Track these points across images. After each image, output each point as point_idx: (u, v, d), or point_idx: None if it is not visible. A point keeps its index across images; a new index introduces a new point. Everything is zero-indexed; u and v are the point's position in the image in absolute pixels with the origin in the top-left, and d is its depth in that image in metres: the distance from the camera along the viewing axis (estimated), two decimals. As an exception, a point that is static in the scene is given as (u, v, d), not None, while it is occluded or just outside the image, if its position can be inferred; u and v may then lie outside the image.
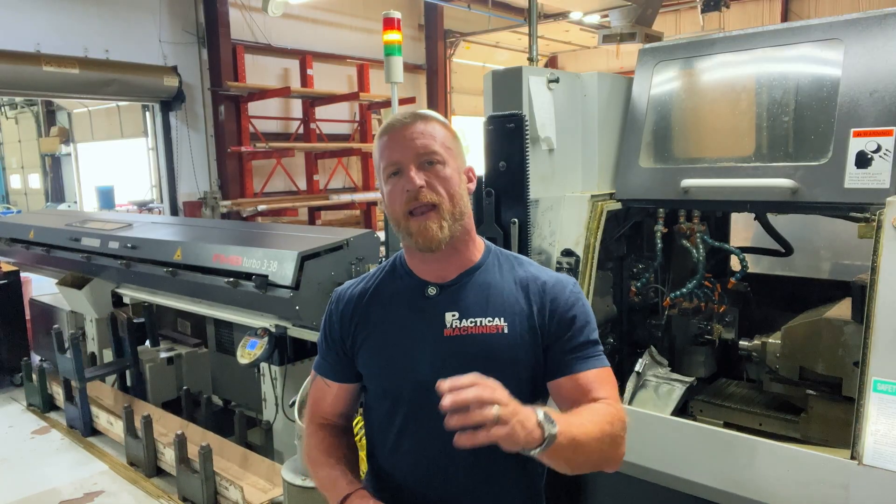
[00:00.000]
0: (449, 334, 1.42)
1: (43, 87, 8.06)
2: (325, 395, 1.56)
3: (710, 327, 2.83)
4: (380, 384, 1.50)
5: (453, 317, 1.42)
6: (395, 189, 1.39)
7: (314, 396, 1.58)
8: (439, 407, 1.11)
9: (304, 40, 11.42)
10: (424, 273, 1.47)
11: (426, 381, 1.41)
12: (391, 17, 4.68)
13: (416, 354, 1.43)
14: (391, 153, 1.39)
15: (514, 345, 1.42)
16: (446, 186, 1.38)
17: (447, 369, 1.40)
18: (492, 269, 1.48)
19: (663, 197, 2.57)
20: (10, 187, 20.11)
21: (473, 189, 1.48)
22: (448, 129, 1.44)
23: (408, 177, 1.36)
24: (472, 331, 1.41)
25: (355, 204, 11.61)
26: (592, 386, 1.41)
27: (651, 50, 2.70)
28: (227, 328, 4.88)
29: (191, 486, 3.82)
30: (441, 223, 1.36)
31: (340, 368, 1.53)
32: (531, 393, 1.48)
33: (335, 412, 1.57)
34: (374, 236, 3.88)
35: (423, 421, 1.43)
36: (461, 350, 1.41)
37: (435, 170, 1.37)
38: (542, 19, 11.97)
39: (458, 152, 1.44)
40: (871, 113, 2.08)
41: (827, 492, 1.86)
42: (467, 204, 1.44)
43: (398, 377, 1.45)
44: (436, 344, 1.42)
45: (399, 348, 1.45)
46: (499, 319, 1.42)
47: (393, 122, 1.42)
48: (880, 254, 1.86)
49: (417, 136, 1.37)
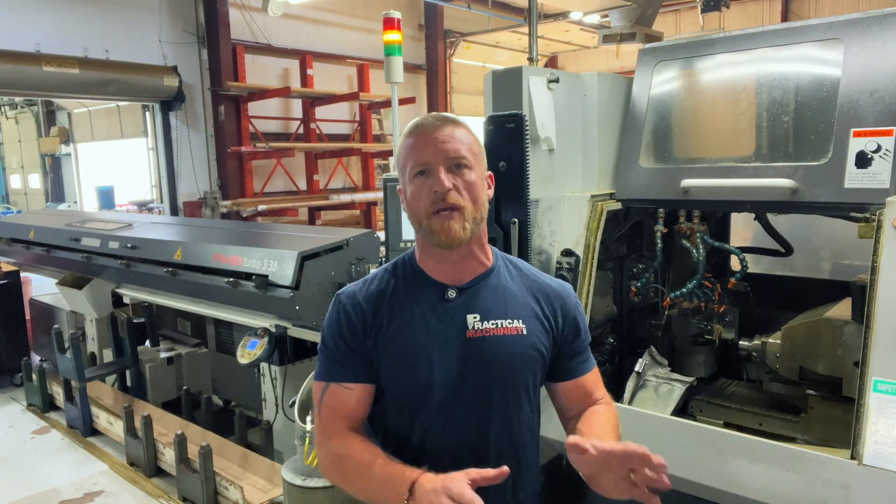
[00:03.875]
0: (471, 336, 1.44)
1: (43, 87, 8.06)
2: (346, 401, 1.46)
3: (710, 327, 2.82)
4: (403, 386, 1.47)
5: (475, 319, 1.45)
6: (421, 188, 1.40)
7: (332, 407, 1.47)
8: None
9: (304, 40, 11.42)
10: (440, 275, 1.48)
11: (451, 382, 1.44)
12: (391, 17, 4.68)
13: (440, 356, 1.44)
14: (420, 153, 1.41)
15: (532, 345, 1.48)
16: (471, 191, 1.41)
17: (471, 370, 1.45)
18: (503, 273, 1.53)
19: (663, 197, 2.57)
20: (10, 187, 20.11)
21: (492, 195, 1.51)
22: (473, 136, 1.47)
23: (437, 178, 1.38)
24: (494, 332, 1.45)
25: (355, 204, 11.60)
26: (592, 388, 1.57)
27: (651, 50, 2.70)
28: (227, 328, 4.88)
29: (191, 486, 3.82)
30: (464, 224, 1.39)
31: (362, 369, 1.47)
32: (539, 390, 1.56)
33: (360, 416, 1.48)
34: (374, 236, 3.88)
35: (448, 422, 1.45)
36: (484, 351, 1.44)
37: (462, 174, 1.40)
38: (542, 19, 11.96)
39: (482, 158, 1.47)
40: (871, 113, 2.08)
41: (827, 492, 1.86)
42: (487, 210, 1.47)
43: (422, 379, 1.44)
44: (459, 346, 1.44)
45: (422, 350, 1.44)
46: (517, 321, 1.47)
47: (423, 123, 1.44)
48: (880, 254, 1.86)
49: (448, 140, 1.40)
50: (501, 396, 1.46)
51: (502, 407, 1.47)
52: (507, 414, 1.48)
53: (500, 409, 1.47)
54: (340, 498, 2.94)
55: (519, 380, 1.48)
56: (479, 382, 1.44)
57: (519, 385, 1.48)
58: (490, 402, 1.46)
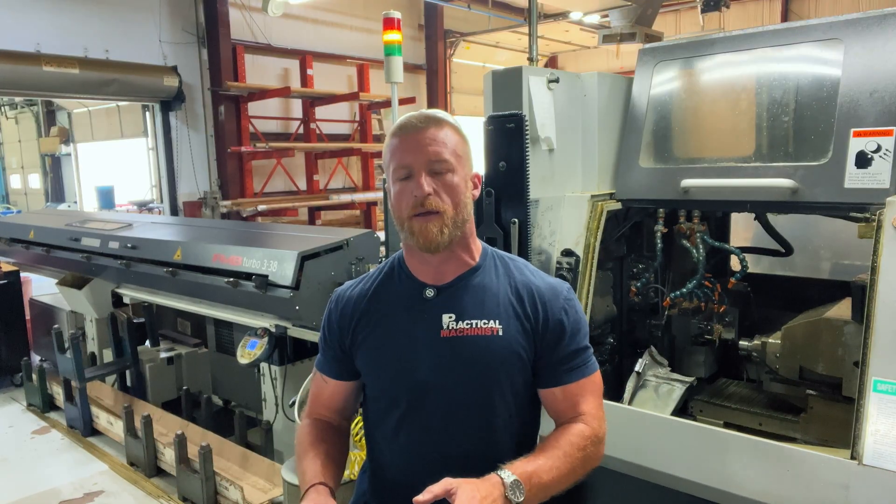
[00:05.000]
0: (446, 335, 1.44)
1: (43, 87, 8.05)
2: (322, 391, 1.61)
3: (710, 327, 2.82)
4: (378, 384, 1.52)
5: (450, 318, 1.45)
6: (403, 191, 1.41)
7: (313, 392, 1.63)
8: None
9: (304, 40, 11.42)
10: (423, 274, 1.49)
11: (423, 381, 1.44)
12: (391, 17, 4.68)
13: (414, 355, 1.45)
14: (402, 156, 1.41)
15: (509, 346, 1.44)
16: (452, 195, 1.40)
17: (444, 370, 1.44)
18: (489, 271, 1.51)
19: (663, 197, 2.57)
20: (10, 187, 20.11)
21: (478, 195, 1.51)
22: (459, 135, 1.45)
23: (417, 182, 1.38)
24: (467, 332, 1.44)
25: (355, 204, 11.61)
26: (578, 399, 1.47)
27: (651, 50, 2.70)
28: (227, 328, 4.88)
29: (191, 486, 3.82)
30: (442, 228, 1.39)
31: (338, 366, 1.57)
32: (526, 394, 1.51)
33: (331, 408, 1.60)
34: (374, 236, 3.88)
35: (419, 420, 1.46)
36: (458, 351, 1.43)
37: (444, 178, 1.40)
38: (542, 19, 11.96)
39: (466, 159, 1.46)
40: (871, 113, 2.08)
41: (827, 492, 1.86)
42: (470, 211, 1.47)
43: (396, 377, 1.47)
44: (433, 345, 1.44)
45: (397, 349, 1.46)
46: (493, 321, 1.45)
47: (406, 124, 1.43)
48: (880, 254, 1.86)
49: (430, 143, 1.39)
50: (473, 397, 1.44)
51: (475, 408, 1.45)
52: (480, 416, 1.45)
53: (472, 411, 1.45)
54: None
55: (492, 381, 1.44)
56: (452, 382, 1.44)
57: (492, 386, 1.44)
58: (461, 402, 1.45)
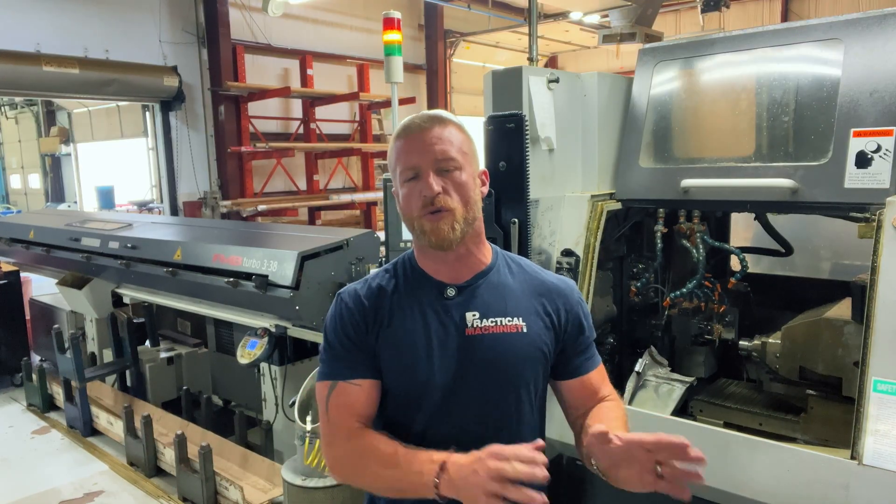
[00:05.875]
0: (471, 334, 1.44)
1: (43, 87, 8.05)
2: (357, 398, 1.44)
3: (710, 327, 2.82)
4: (402, 385, 1.47)
5: (474, 316, 1.45)
6: (411, 192, 1.40)
7: (340, 405, 1.44)
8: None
9: (304, 40, 11.42)
10: (440, 274, 1.49)
11: (449, 380, 1.44)
12: (391, 17, 4.68)
13: (440, 354, 1.43)
14: (408, 157, 1.40)
15: (533, 343, 1.47)
16: (461, 192, 1.40)
17: (470, 368, 1.44)
18: (503, 270, 1.53)
19: (663, 197, 2.57)
20: (10, 187, 20.12)
21: (486, 192, 1.51)
22: (464, 133, 1.45)
23: (426, 182, 1.37)
24: (493, 330, 1.45)
25: (355, 204, 11.60)
26: (598, 385, 1.55)
27: (651, 50, 2.70)
28: (227, 328, 4.88)
29: (191, 486, 3.82)
30: (453, 225, 1.39)
31: (368, 364, 1.46)
32: (544, 389, 1.55)
33: (369, 413, 1.45)
34: (374, 236, 3.88)
35: (446, 420, 1.45)
36: (484, 349, 1.44)
37: (452, 176, 1.39)
38: (542, 19, 11.96)
39: (473, 156, 1.46)
40: (871, 113, 2.08)
41: (827, 492, 1.86)
42: (480, 208, 1.47)
43: (422, 378, 1.44)
44: (458, 343, 1.44)
45: (422, 349, 1.44)
46: (517, 319, 1.46)
47: (410, 125, 1.43)
48: (880, 254, 1.86)
49: (435, 142, 1.39)
50: (501, 395, 1.46)
51: (501, 405, 1.46)
52: (507, 412, 1.47)
53: (499, 408, 1.46)
54: (340, 498, 2.94)
55: (519, 378, 1.46)
56: (478, 380, 1.44)
57: (519, 383, 1.47)
58: (489, 401, 1.45)
